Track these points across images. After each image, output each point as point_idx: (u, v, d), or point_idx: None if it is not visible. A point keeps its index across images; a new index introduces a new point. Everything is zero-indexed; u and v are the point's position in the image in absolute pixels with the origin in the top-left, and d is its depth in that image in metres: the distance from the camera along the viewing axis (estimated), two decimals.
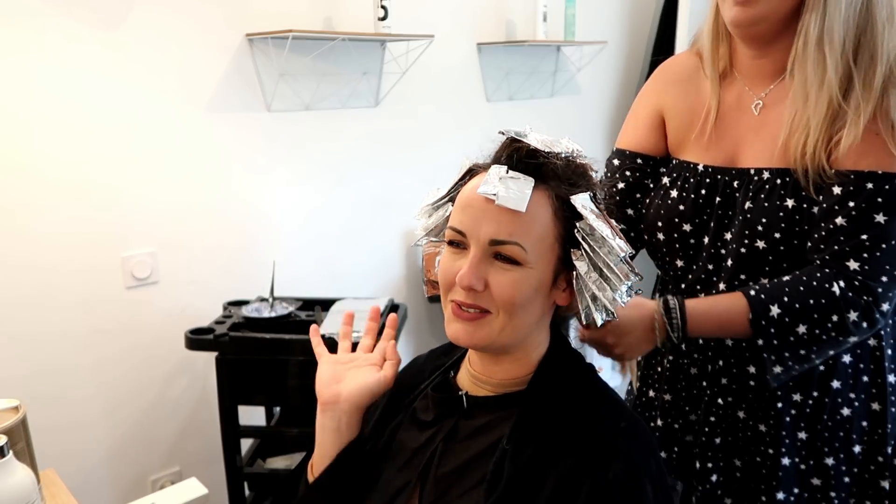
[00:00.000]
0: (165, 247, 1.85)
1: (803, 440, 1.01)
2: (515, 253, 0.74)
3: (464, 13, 2.42)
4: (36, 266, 1.65)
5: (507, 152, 0.78)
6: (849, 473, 1.01)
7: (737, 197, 0.99)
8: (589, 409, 0.78)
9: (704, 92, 1.06)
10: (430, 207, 0.86)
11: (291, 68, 2.01)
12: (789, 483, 1.01)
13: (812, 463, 1.01)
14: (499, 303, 0.75)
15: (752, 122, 1.01)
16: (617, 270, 0.76)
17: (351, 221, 2.25)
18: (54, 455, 1.64)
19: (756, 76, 1.01)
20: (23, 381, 1.66)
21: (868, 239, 0.88)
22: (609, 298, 0.77)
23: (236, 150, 1.95)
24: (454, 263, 0.77)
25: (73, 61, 1.63)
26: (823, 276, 0.90)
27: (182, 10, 1.78)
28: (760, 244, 0.95)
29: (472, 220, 0.76)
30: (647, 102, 1.14)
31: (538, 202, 0.75)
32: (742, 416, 1.04)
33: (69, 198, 1.67)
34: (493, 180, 0.75)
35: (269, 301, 1.75)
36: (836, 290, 0.89)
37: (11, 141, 1.58)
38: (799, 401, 0.99)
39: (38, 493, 0.88)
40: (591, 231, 0.76)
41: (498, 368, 0.82)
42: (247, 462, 1.76)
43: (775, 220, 0.93)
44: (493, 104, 2.58)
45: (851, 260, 0.89)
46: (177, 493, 1.01)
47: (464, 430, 0.80)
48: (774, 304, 0.90)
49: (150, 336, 1.86)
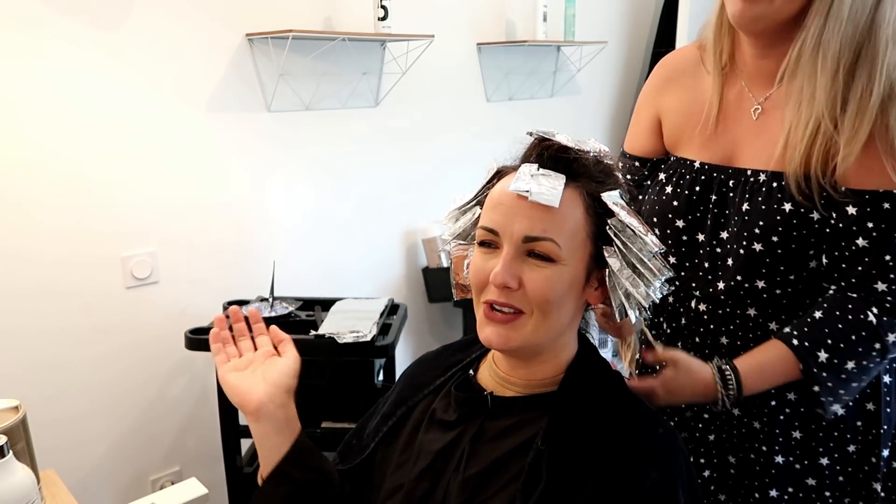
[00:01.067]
0: (165, 246, 1.85)
1: (797, 439, 1.00)
2: (549, 249, 0.74)
3: (464, 13, 2.42)
4: (36, 266, 1.65)
5: (537, 151, 0.79)
6: (843, 473, 1.01)
7: (732, 196, 0.99)
8: (624, 415, 0.77)
9: (704, 87, 1.04)
10: (458, 212, 0.86)
11: (291, 68, 2.01)
12: (783, 481, 1.01)
13: (806, 462, 1.01)
14: (533, 301, 0.75)
15: (751, 126, 1.00)
16: (651, 266, 0.76)
17: (351, 221, 2.25)
18: (54, 455, 1.65)
19: (756, 76, 1.00)
20: (23, 381, 1.66)
21: (892, 259, 0.88)
22: (643, 294, 0.77)
23: (236, 150, 1.95)
24: (486, 263, 0.77)
25: (73, 61, 1.63)
26: (855, 306, 0.90)
27: (182, 10, 1.78)
28: (757, 247, 0.95)
29: (505, 218, 0.76)
30: (647, 105, 1.15)
31: (570, 199, 0.75)
32: (737, 414, 1.03)
33: (69, 198, 1.67)
34: (525, 177, 0.75)
35: (269, 301, 1.75)
36: (871, 319, 0.89)
37: (12, 141, 1.58)
38: (793, 399, 0.99)
39: (38, 493, 0.88)
40: (623, 227, 0.76)
41: (527, 370, 0.81)
42: (247, 462, 1.76)
43: (773, 223, 0.93)
44: (493, 104, 2.58)
45: (879, 282, 0.89)
46: (177, 493, 1.01)
47: (490, 431, 0.79)
48: (820, 350, 0.90)
49: (149, 336, 1.86)
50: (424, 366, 0.95)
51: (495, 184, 0.80)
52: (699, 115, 1.04)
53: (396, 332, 1.65)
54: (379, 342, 1.57)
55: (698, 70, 1.07)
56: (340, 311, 1.73)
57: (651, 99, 1.13)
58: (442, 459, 0.80)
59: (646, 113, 1.14)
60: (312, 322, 1.67)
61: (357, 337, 1.55)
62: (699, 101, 1.04)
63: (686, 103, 1.06)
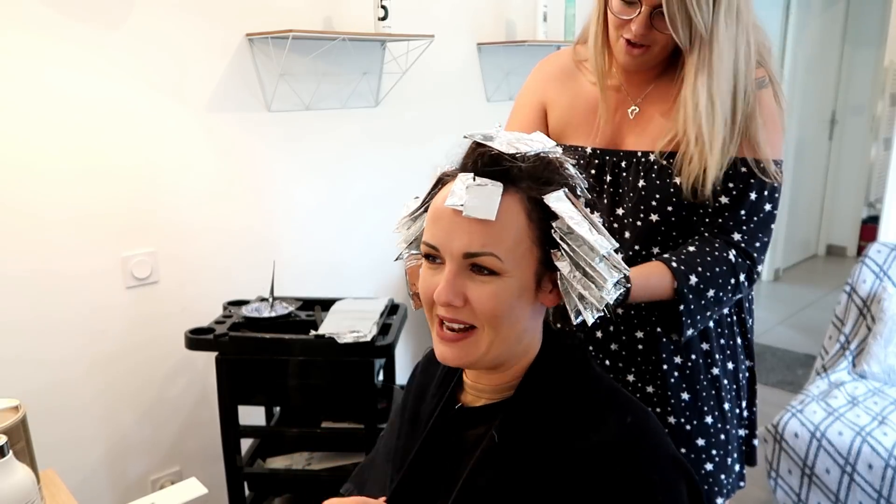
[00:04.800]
0: (165, 247, 1.85)
1: (686, 401, 1.14)
2: (491, 263, 0.72)
3: (464, 13, 2.42)
4: (36, 265, 1.65)
5: (472, 158, 0.76)
6: (724, 431, 1.16)
7: (626, 176, 1.13)
8: (585, 413, 0.76)
9: (582, 87, 1.20)
10: (409, 219, 0.85)
11: (291, 68, 2.01)
12: (676, 443, 1.11)
13: (695, 423, 1.14)
14: (481, 317, 0.73)
15: (629, 119, 1.15)
16: (599, 269, 0.74)
17: (351, 221, 2.25)
18: (54, 455, 1.65)
19: (633, 79, 1.15)
20: (23, 380, 1.66)
21: (745, 214, 1.06)
22: (597, 297, 0.75)
23: (236, 150, 1.95)
24: (433, 279, 0.75)
25: (73, 61, 1.63)
26: (721, 245, 1.06)
27: (182, 10, 1.78)
28: (654, 217, 1.10)
29: (444, 234, 0.74)
30: (532, 97, 1.26)
31: (509, 207, 0.72)
32: (632, 380, 1.16)
33: (69, 197, 1.67)
34: (460, 190, 0.73)
35: (269, 301, 1.75)
36: (731, 258, 1.06)
37: (12, 141, 1.58)
38: (680, 363, 1.13)
39: (38, 493, 0.88)
40: (569, 230, 0.73)
41: (494, 375, 0.80)
42: (247, 462, 1.76)
43: (667, 195, 1.08)
44: (493, 104, 2.58)
45: (735, 232, 1.07)
46: (177, 493, 1.01)
47: (469, 441, 0.80)
48: (692, 275, 1.03)
49: (149, 336, 1.86)
50: (421, 378, 0.94)
51: (440, 190, 0.78)
52: (582, 108, 1.18)
53: (396, 332, 1.65)
54: (379, 342, 1.57)
55: (575, 72, 1.22)
56: (340, 311, 1.73)
57: (537, 92, 1.25)
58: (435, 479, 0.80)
59: (533, 104, 1.25)
60: (312, 322, 1.67)
61: (357, 337, 1.55)
62: (580, 96, 1.19)
63: (569, 98, 1.21)
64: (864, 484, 1.89)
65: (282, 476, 1.75)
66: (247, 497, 1.76)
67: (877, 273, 2.35)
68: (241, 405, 1.67)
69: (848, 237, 5.28)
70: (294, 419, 1.88)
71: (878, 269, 2.36)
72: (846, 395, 2.15)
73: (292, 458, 1.80)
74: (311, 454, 1.79)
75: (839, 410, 2.06)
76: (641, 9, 1.01)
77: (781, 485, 2.06)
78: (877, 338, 2.24)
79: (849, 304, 2.39)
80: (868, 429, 1.95)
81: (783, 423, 2.05)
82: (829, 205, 5.27)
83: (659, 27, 1.02)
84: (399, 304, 1.83)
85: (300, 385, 1.65)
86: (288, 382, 1.65)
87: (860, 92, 5.01)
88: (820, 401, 2.12)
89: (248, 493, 1.77)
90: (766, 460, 2.09)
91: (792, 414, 2.06)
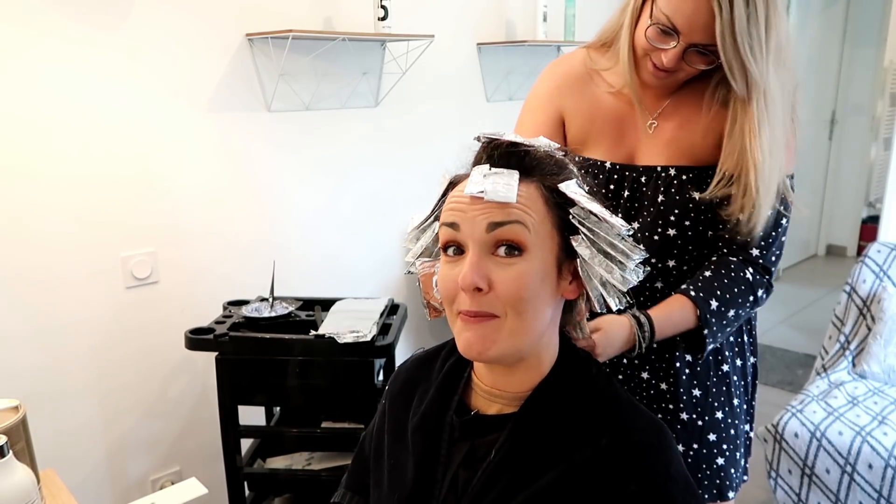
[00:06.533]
0: (165, 247, 1.85)
1: (697, 397, 1.16)
2: (518, 233, 0.71)
3: (464, 13, 2.42)
4: (36, 265, 1.65)
5: (487, 152, 0.76)
6: (733, 426, 1.18)
7: (645, 190, 1.13)
8: (602, 417, 0.75)
9: (598, 97, 1.18)
10: (417, 231, 0.84)
11: (291, 68, 2.01)
12: (688, 438, 1.16)
13: (707, 419, 1.16)
14: (506, 301, 0.71)
15: (647, 133, 1.15)
16: (623, 247, 0.74)
17: (351, 221, 2.25)
18: (54, 455, 1.64)
19: (650, 92, 1.14)
20: (22, 380, 1.66)
21: (762, 230, 1.07)
22: (619, 280, 0.74)
23: (236, 150, 1.95)
24: (453, 271, 0.73)
25: (73, 61, 1.63)
26: (737, 265, 1.09)
27: (182, 10, 1.78)
28: (672, 232, 1.11)
29: (466, 217, 0.73)
30: (546, 102, 1.22)
31: (528, 193, 0.73)
32: (646, 377, 1.17)
33: (69, 197, 1.67)
34: (478, 179, 0.73)
35: (269, 301, 1.75)
36: (749, 276, 1.09)
37: (12, 140, 1.58)
38: (691, 360, 1.16)
39: (38, 493, 0.88)
40: (587, 214, 0.73)
41: (512, 379, 0.78)
42: (247, 462, 1.76)
43: (685, 210, 1.10)
44: (493, 104, 2.58)
45: (754, 248, 1.10)
46: (177, 493, 1.01)
47: (482, 450, 0.77)
48: (712, 299, 1.06)
49: (149, 336, 1.86)
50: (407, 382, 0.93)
51: (451, 192, 0.77)
52: (602, 120, 1.17)
53: (396, 332, 1.65)
54: (379, 342, 1.57)
55: (590, 79, 1.19)
56: (340, 311, 1.73)
57: (553, 99, 1.22)
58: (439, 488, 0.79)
59: (547, 110, 1.22)
60: (312, 322, 1.67)
61: (357, 337, 1.55)
62: (599, 107, 1.18)
63: (588, 108, 1.19)
64: (864, 484, 1.89)
65: (282, 476, 1.75)
66: (247, 497, 1.76)
67: (877, 273, 2.36)
68: (241, 405, 1.67)
69: (848, 237, 5.29)
70: (294, 419, 1.88)
71: (878, 269, 2.36)
72: (846, 394, 2.15)
73: (292, 458, 1.80)
74: (311, 454, 1.79)
75: (839, 410, 2.06)
76: (678, 43, 1.00)
77: (781, 485, 2.06)
78: (877, 338, 2.24)
79: (849, 304, 2.39)
80: (868, 429, 1.95)
81: (783, 423, 2.05)
82: (829, 205, 5.28)
83: (690, 61, 1.02)
84: (399, 304, 1.83)
85: (300, 385, 1.65)
86: (288, 382, 1.65)
87: (860, 92, 5.01)
88: (820, 401, 2.12)
89: (248, 493, 1.77)
90: (766, 460, 2.09)
91: (792, 414, 2.07)
